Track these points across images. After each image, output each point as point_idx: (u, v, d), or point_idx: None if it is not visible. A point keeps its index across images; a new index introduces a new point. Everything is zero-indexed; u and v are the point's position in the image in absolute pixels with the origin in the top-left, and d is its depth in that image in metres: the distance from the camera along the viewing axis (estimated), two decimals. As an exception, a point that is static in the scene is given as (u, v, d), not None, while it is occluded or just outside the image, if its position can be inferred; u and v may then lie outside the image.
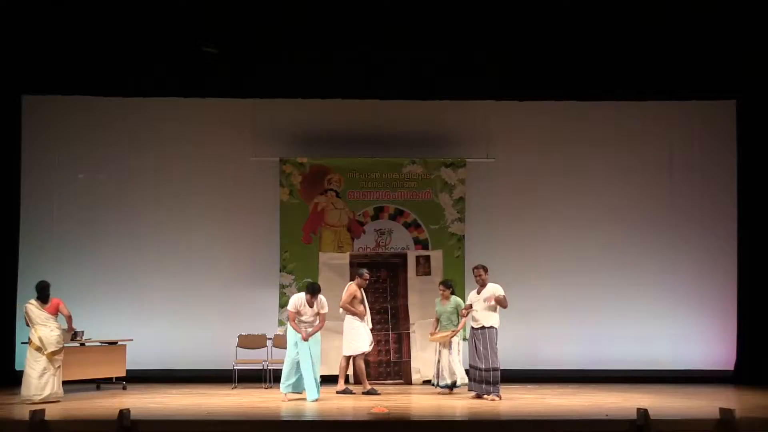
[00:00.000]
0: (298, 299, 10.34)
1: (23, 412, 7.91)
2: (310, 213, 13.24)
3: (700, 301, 13.39)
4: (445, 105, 13.57)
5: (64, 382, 11.09)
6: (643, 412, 7.20)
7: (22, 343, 11.97)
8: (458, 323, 10.95)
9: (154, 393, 11.03)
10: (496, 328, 10.18)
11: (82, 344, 11.53)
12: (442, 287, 11.23)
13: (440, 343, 11.00)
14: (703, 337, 13.31)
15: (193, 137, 13.50)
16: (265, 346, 12.36)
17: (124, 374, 11.77)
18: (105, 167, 13.42)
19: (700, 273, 13.44)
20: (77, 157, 13.39)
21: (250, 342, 12.37)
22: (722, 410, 7.21)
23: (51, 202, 13.27)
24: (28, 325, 10.28)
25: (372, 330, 11.32)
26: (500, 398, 10.00)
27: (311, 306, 10.31)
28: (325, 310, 10.41)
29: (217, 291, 13.18)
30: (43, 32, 12.04)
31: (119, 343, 11.91)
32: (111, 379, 11.75)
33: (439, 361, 10.98)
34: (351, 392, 10.91)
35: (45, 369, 10.03)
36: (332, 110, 13.52)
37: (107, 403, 9.76)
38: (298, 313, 10.30)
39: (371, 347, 11.21)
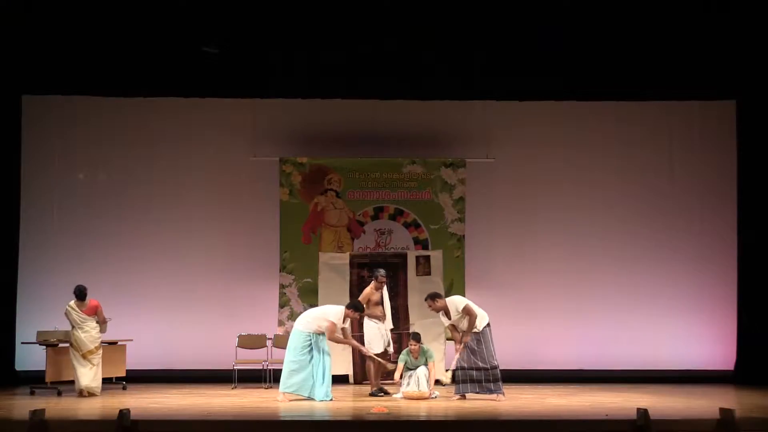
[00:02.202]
0: (342, 314, 10.18)
1: (23, 412, 7.90)
2: (310, 213, 13.24)
3: (700, 301, 13.39)
4: (445, 105, 13.57)
5: (65, 382, 11.15)
6: (643, 412, 7.19)
7: (22, 343, 12.02)
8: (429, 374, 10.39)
9: (154, 393, 11.02)
10: (487, 326, 10.10)
11: (82, 344, 11.54)
12: (413, 341, 10.39)
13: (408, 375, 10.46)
14: (703, 337, 13.32)
15: (193, 137, 13.50)
16: (265, 346, 12.36)
17: (124, 374, 11.77)
18: (105, 167, 13.42)
19: (700, 273, 13.44)
20: (77, 157, 13.39)
21: (250, 342, 12.37)
22: (722, 410, 7.20)
23: (51, 202, 13.27)
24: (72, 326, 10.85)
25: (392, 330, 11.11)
26: (504, 395, 9.94)
27: (344, 323, 10.28)
28: (347, 325, 10.43)
29: (217, 291, 13.18)
30: (43, 32, 12.03)
31: (119, 343, 11.91)
32: (111, 379, 11.74)
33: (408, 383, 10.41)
34: (382, 393, 10.68)
35: (79, 365, 10.67)
36: (332, 110, 13.52)
37: (107, 403, 9.76)
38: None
39: (386, 349, 10.79)
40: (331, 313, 10.26)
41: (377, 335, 10.80)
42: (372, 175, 13.34)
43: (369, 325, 10.87)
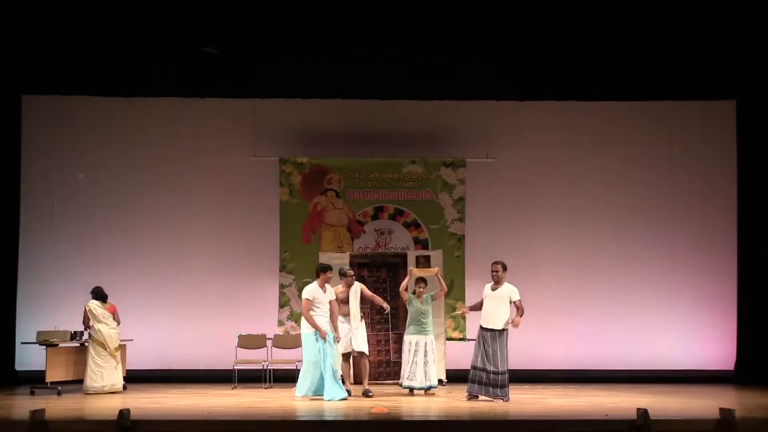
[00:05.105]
0: (314, 286, 10.26)
1: (23, 412, 7.91)
2: (310, 213, 13.25)
3: (700, 301, 13.39)
4: (445, 105, 13.58)
5: (65, 382, 11.17)
6: (643, 412, 7.19)
7: (22, 343, 12.02)
8: (431, 324, 10.80)
9: (154, 393, 11.03)
10: (507, 330, 10.07)
11: (82, 344, 11.54)
12: (422, 285, 10.82)
13: (415, 343, 10.71)
14: (703, 337, 13.32)
15: (193, 137, 13.50)
16: (265, 346, 12.37)
17: (124, 374, 11.76)
18: (105, 167, 13.42)
19: (700, 273, 13.45)
20: (77, 157, 13.39)
21: (250, 342, 12.37)
22: (722, 410, 7.20)
23: (51, 202, 13.27)
24: (85, 325, 11.16)
25: (368, 331, 11.02)
26: (508, 401, 9.87)
27: (324, 290, 10.26)
28: (333, 297, 10.39)
29: (216, 291, 13.18)
30: (43, 32, 12.04)
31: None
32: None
33: (415, 362, 10.64)
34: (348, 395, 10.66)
35: (104, 363, 11.05)
36: (332, 110, 13.53)
37: (107, 403, 9.76)
38: (314, 301, 10.18)
39: (344, 349, 10.56)
40: (304, 292, 10.32)
41: (341, 334, 10.55)
42: (372, 175, 13.35)
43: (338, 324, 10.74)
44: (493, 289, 10.13)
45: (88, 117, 13.45)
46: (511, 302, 10.02)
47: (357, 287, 10.76)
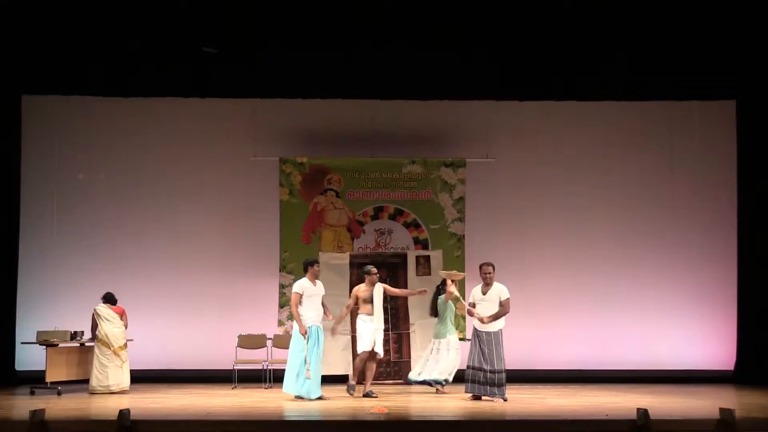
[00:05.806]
0: (305, 281, 10.28)
1: (23, 412, 7.91)
2: (310, 213, 13.25)
3: (700, 301, 13.39)
4: (445, 105, 13.57)
5: (65, 382, 11.17)
6: (643, 412, 7.19)
7: (22, 343, 12.02)
8: (454, 322, 11.30)
9: (154, 393, 11.03)
10: (501, 329, 10.10)
11: (82, 344, 11.55)
12: (451, 291, 10.97)
13: (438, 342, 11.07)
14: (703, 337, 13.32)
15: (193, 137, 13.50)
16: (265, 346, 12.37)
17: (125, 374, 11.78)
18: (105, 167, 13.42)
19: (700, 273, 13.45)
20: (77, 157, 13.39)
21: (250, 342, 12.38)
22: (722, 410, 7.20)
23: (51, 202, 13.28)
24: (93, 328, 11.23)
25: (384, 330, 11.04)
26: (505, 400, 9.90)
27: (315, 284, 10.30)
28: (323, 291, 10.44)
29: (217, 291, 13.18)
30: (42, 32, 12.04)
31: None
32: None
33: (438, 361, 11.00)
34: (352, 393, 10.71)
35: (108, 362, 11.09)
36: (332, 110, 13.53)
37: (107, 403, 9.76)
38: (305, 294, 10.20)
39: (373, 348, 10.57)
40: (294, 286, 10.40)
41: (363, 334, 10.60)
42: (372, 175, 13.35)
43: (359, 323, 10.72)
44: (484, 292, 10.15)
45: (88, 117, 13.45)
46: (501, 301, 10.05)
47: (380, 287, 10.72)
